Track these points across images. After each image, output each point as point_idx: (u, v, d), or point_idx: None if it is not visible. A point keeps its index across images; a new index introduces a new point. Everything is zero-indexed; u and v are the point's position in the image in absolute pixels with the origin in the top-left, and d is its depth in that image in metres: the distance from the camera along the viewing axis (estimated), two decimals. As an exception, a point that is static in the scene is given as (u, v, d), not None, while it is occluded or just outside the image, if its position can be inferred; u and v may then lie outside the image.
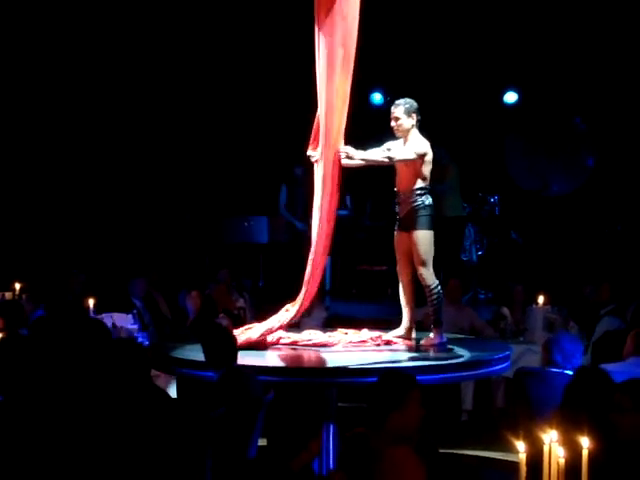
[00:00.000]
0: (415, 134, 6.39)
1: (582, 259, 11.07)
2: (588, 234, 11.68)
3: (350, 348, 6.34)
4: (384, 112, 6.80)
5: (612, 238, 11.57)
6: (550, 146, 12.51)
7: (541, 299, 8.66)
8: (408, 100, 6.41)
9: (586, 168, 12.35)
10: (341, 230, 11.86)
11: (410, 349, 6.34)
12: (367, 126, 6.57)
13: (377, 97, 12.55)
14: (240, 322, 8.72)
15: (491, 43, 11.83)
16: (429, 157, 6.39)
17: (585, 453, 3.28)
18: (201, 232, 11.95)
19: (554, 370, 5.37)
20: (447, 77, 11.78)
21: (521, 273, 10.75)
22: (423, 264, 6.36)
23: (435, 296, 6.37)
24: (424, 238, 6.35)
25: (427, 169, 6.38)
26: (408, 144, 6.39)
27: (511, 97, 12.61)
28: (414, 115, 6.38)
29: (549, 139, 12.53)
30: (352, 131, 6.48)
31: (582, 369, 4.69)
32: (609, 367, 5.15)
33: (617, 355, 6.00)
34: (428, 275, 6.38)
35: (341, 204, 11.94)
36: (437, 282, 6.41)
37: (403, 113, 6.36)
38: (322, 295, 9.50)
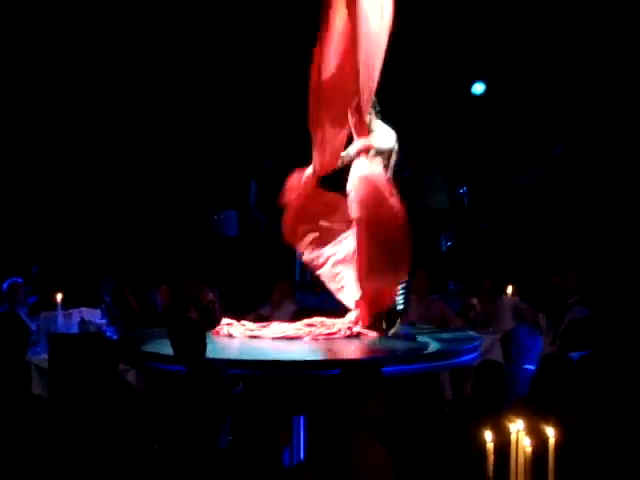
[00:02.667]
0: (378, 125, 6.39)
1: (549, 249, 11.13)
2: (555, 223, 11.74)
3: (319, 340, 6.34)
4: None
5: (579, 227, 11.65)
6: (517, 135, 12.57)
7: (510, 289, 8.70)
8: None
9: (553, 156, 12.41)
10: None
11: (378, 340, 6.34)
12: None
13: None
14: (210, 316, 8.70)
15: (459, 34, 11.86)
16: (395, 149, 6.39)
17: (552, 442, 3.30)
18: (171, 225, 11.91)
19: (512, 365, 5.38)
20: (415, 67, 11.79)
21: (490, 264, 10.80)
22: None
23: (403, 286, 6.39)
24: None
25: (392, 161, 6.38)
26: (373, 136, 6.38)
27: (479, 88, 12.66)
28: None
29: (516, 128, 12.58)
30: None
31: (548, 358, 4.71)
32: (576, 356, 5.19)
33: (585, 344, 6.03)
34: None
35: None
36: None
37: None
38: (292, 288, 9.50)
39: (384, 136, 6.37)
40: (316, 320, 6.68)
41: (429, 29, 11.74)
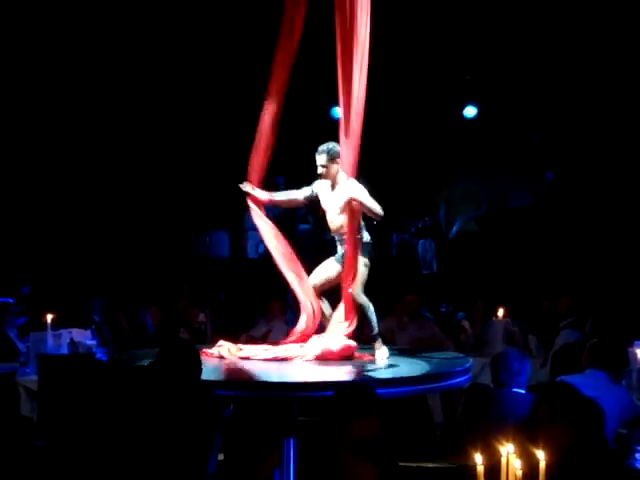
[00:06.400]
0: (342, 176, 6.46)
1: (541, 272, 11.15)
2: (547, 247, 11.76)
3: (310, 361, 6.34)
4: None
5: (570, 251, 11.68)
6: (509, 159, 12.63)
7: (501, 312, 8.72)
8: (330, 145, 6.45)
9: (545, 181, 12.47)
10: (303, 244, 11.97)
11: (368, 362, 6.36)
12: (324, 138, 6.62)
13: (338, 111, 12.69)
14: (201, 337, 8.69)
15: (450, 57, 11.93)
16: None
17: (542, 465, 3.30)
18: (162, 245, 11.89)
19: (501, 389, 5.38)
20: (406, 91, 11.86)
21: (481, 286, 10.82)
22: (359, 287, 6.43)
23: (370, 312, 6.43)
24: (362, 267, 6.42)
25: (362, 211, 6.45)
26: (345, 188, 6.39)
27: (470, 111, 12.74)
28: (338, 160, 6.44)
29: (508, 152, 12.65)
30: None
31: (549, 384, 4.70)
32: (567, 379, 5.19)
33: (576, 367, 6.04)
34: (361, 293, 6.44)
35: (303, 218, 12.13)
36: (370, 303, 6.46)
37: (327, 161, 6.43)
38: (284, 309, 9.50)
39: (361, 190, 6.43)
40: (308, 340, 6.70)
41: (420, 52, 11.81)
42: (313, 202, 6.70)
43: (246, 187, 6.67)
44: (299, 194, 6.68)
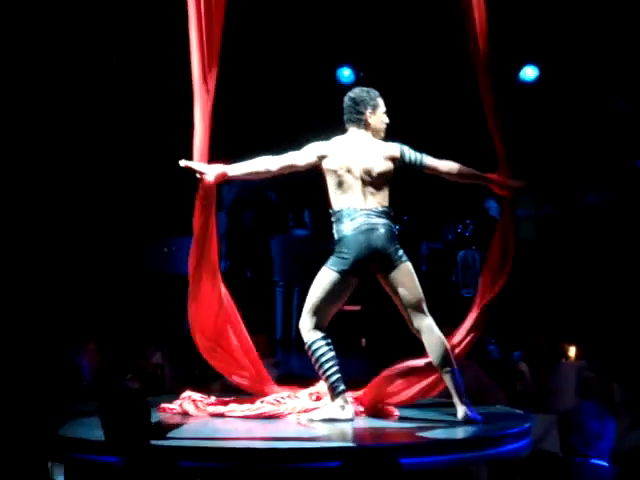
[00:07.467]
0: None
1: (628, 295, 11.14)
2: (636, 260, 11.77)
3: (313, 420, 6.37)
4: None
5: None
6: (583, 138, 12.64)
7: (572, 351, 8.73)
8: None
9: (633, 170, 12.47)
10: (299, 254, 11.99)
11: (389, 421, 6.38)
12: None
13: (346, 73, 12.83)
14: (157, 385, 8.69)
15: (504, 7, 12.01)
16: (328, 164, 6.44)
17: None
18: (103, 258, 11.90)
19: (574, 459, 5.37)
20: (450, 49, 11.93)
21: (545, 315, 10.84)
22: (305, 310, 6.47)
23: (314, 358, 6.40)
24: (320, 276, 6.46)
25: (332, 183, 6.44)
26: None
27: (530, 73, 12.80)
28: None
29: (581, 128, 12.66)
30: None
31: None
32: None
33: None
34: (303, 327, 6.45)
35: (299, 221, 12.17)
36: (316, 337, 6.41)
37: None
38: (271, 347, 9.51)
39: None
40: (303, 392, 6.71)
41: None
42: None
43: (188, 162, 6.58)
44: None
